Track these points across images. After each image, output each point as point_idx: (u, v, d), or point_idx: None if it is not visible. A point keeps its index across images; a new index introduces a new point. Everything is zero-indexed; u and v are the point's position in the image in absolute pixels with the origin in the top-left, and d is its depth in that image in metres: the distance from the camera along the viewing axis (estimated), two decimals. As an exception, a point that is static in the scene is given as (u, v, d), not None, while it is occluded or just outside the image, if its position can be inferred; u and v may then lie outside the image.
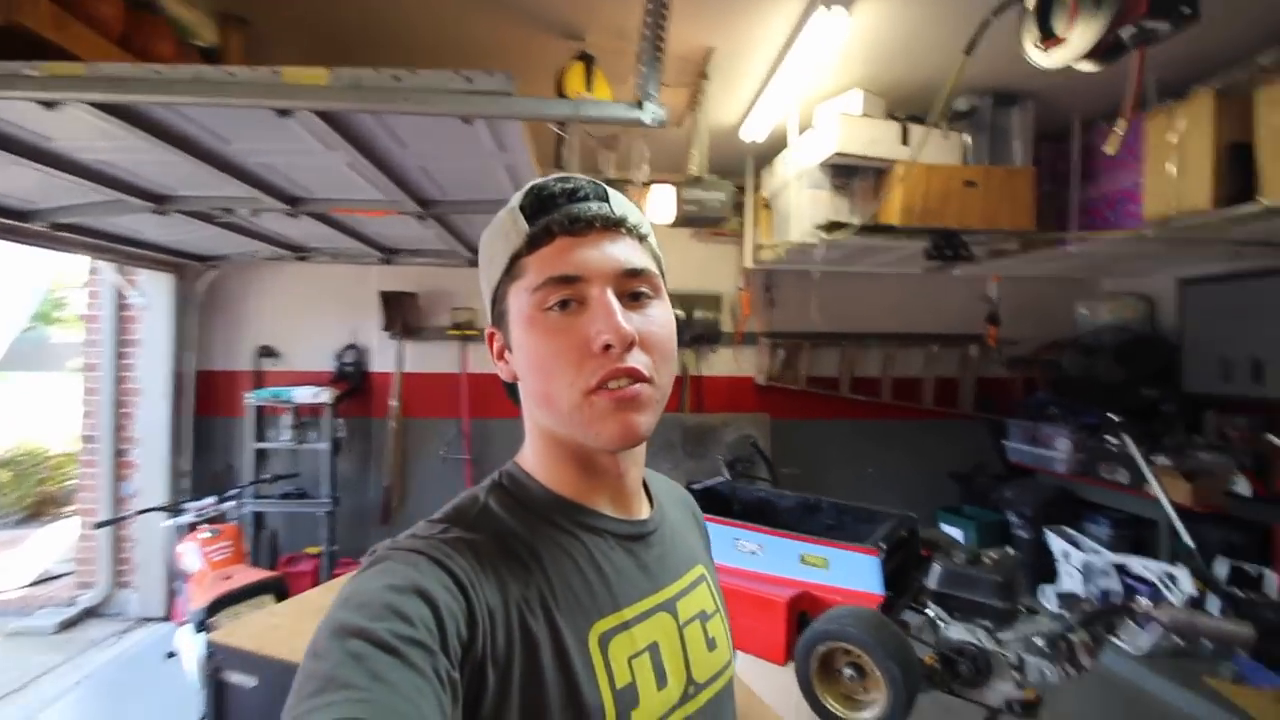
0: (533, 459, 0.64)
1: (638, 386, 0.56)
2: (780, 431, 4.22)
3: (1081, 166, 3.12)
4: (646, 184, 2.89)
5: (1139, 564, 3.34)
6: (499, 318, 0.62)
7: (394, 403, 3.94)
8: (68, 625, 3.58)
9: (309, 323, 4.01)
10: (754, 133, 3.23)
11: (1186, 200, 2.49)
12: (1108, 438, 3.59)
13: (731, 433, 4.13)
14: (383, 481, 3.97)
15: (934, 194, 2.82)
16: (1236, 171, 2.39)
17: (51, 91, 1.48)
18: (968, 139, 2.92)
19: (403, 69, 1.54)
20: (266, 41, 2.43)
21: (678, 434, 4.10)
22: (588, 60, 2.47)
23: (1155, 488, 3.23)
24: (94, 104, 1.55)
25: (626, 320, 0.56)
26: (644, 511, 0.68)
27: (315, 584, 3.49)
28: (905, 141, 2.84)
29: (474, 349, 4.06)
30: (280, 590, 2.66)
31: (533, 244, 0.58)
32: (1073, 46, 1.71)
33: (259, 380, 3.97)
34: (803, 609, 1.89)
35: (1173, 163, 2.54)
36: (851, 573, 1.81)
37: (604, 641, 0.56)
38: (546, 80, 2.50)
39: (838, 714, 1.58)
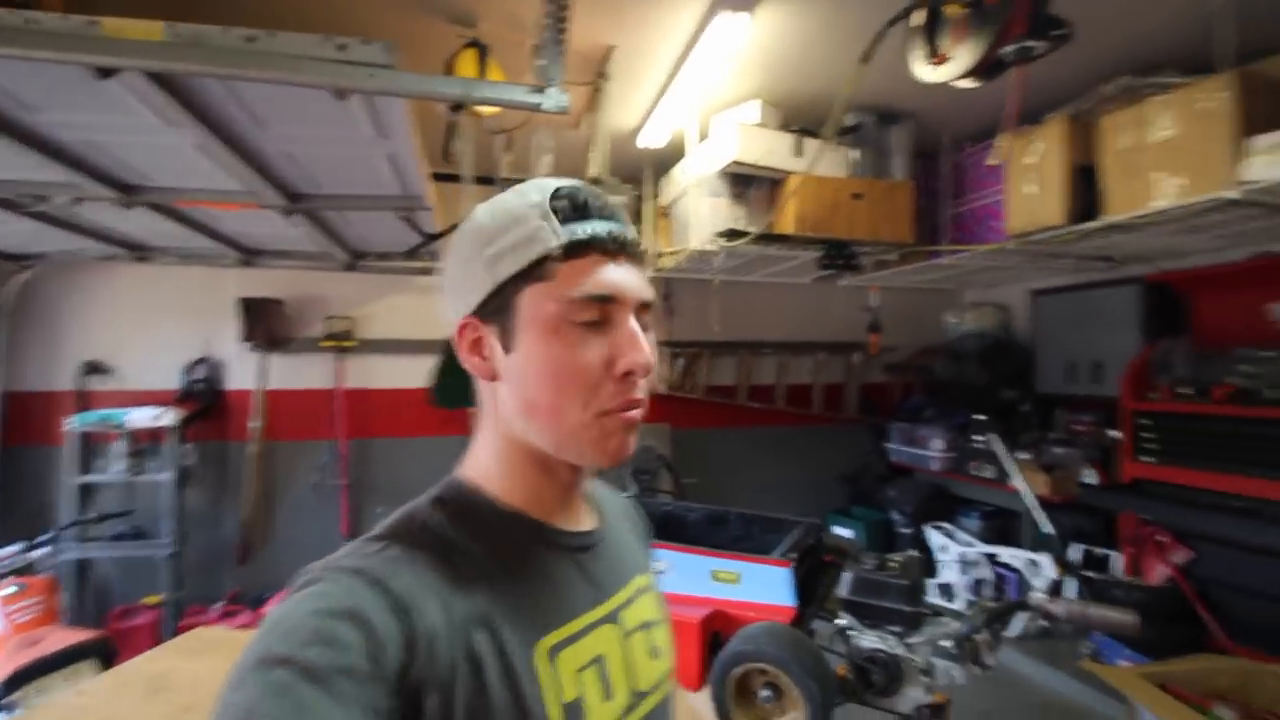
0: (484, 469, 0.62)
1: (636, 412, 0.59)
2: (681, 441, 4.20)
3: (952, 184, 3.35)
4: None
5: (1007, 553, 3.62)
6: (495, 311, 0.58)
7: (255, 424, 3.49)
8: None
9: (150, 334, 3.47)
10: (652, 139, 3.19)
11: (1042, 216, 2.72)
12: (975, 436, 3.88)
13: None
14: (240, 515, 3.50)
15: (825, 205, 2.91)
16: (1084, 191, 2.64)
17: None
18: (855, 153, 3.04)
19: (260, 31, 1.33)
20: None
21: (577, 447, 3.96)
22: (481, 49, 2.31)
23: (1019, 481, 3.52)
24: None
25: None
26: (589, 523, 0.68)
27: (156, 639, 2.98)
28: (799, 153, 2.91)
29: (352, 362, 3.70)
30: (106, 653, 2.24)
31: (571, 251, 0.57)
32: (958, 63, 1.79)
33: (84, 402, 3.38)
34: (716, 628, 1.82)
35: (1031, 182, 2.77)
36: (763, 586, 1.77)
37: (552, 655, 0.55)
38: (433, 68, 2.31)
39: (754, 740, 1.51)
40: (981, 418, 3.88)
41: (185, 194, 2.33)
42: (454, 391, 0.56)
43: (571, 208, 0.58)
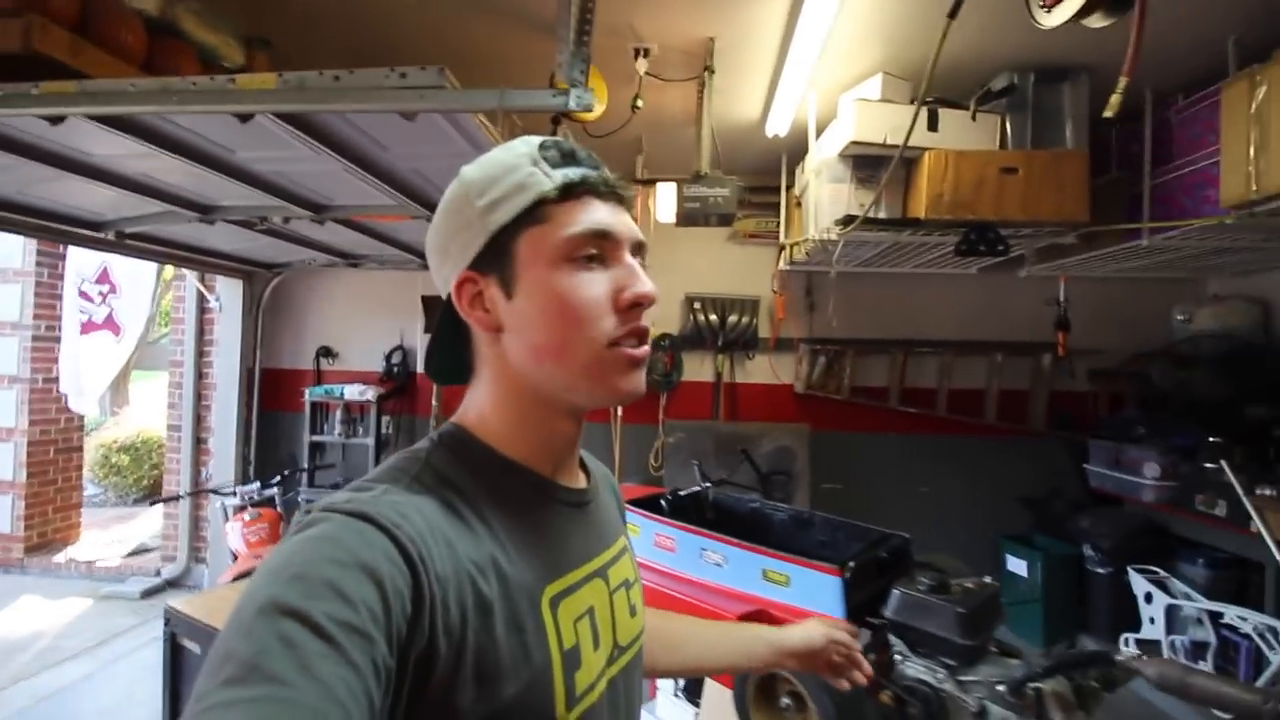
0: (484, 421, 0.62)
1: (644, 348, 0.59)
2: (822, 444, 3.98)
3: (1154, 147, 2.72)
4: (646, 182, 2.84)
5: (1235, 614, 2.84)
6: (493, 261, 0.59)
7: (435, 403, 4.10)
8: (150, 593, 4.01)
9: (362, 325, 4.28)
10: (777, 127, 3.09)
11: (1268, 181, 2.10)
12: (1207, 464, 3.09)
13: (768, 443, 3.95)
14: (422, 478, 4.14)
15: (965, 183, 2.56)
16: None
17: (52, 107, 1.66)
18: (1009, 122, 2.63)
19: (343, 70, 1.60)
20: (291, 60, 2.61)
21: (710, 443, 3.97)
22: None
23: (1258, 523, 2.74)
24: (90, 116, 1.74)
25: None
26: (582, 481, 0.69)
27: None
28: (934, 127, 2.60)
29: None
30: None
31: (566, 193, 0.58)
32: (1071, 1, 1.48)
33: (319, 378, 4.28)
34: (758, 628, 1.73)
35: (1252, 138, 2.15)
36: (812, 592, 1.66)
37: (554, 604, 0.56)
38: (543, 82, 2.52)
39: (770, 744, 1.46)
40: (1215, 439, 3.09)
41: (358, 210, 2.84)
42: (448, 367, 0.62)
43: (560, 155, 0.60)
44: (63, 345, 4.29)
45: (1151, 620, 3.14)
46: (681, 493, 2.40)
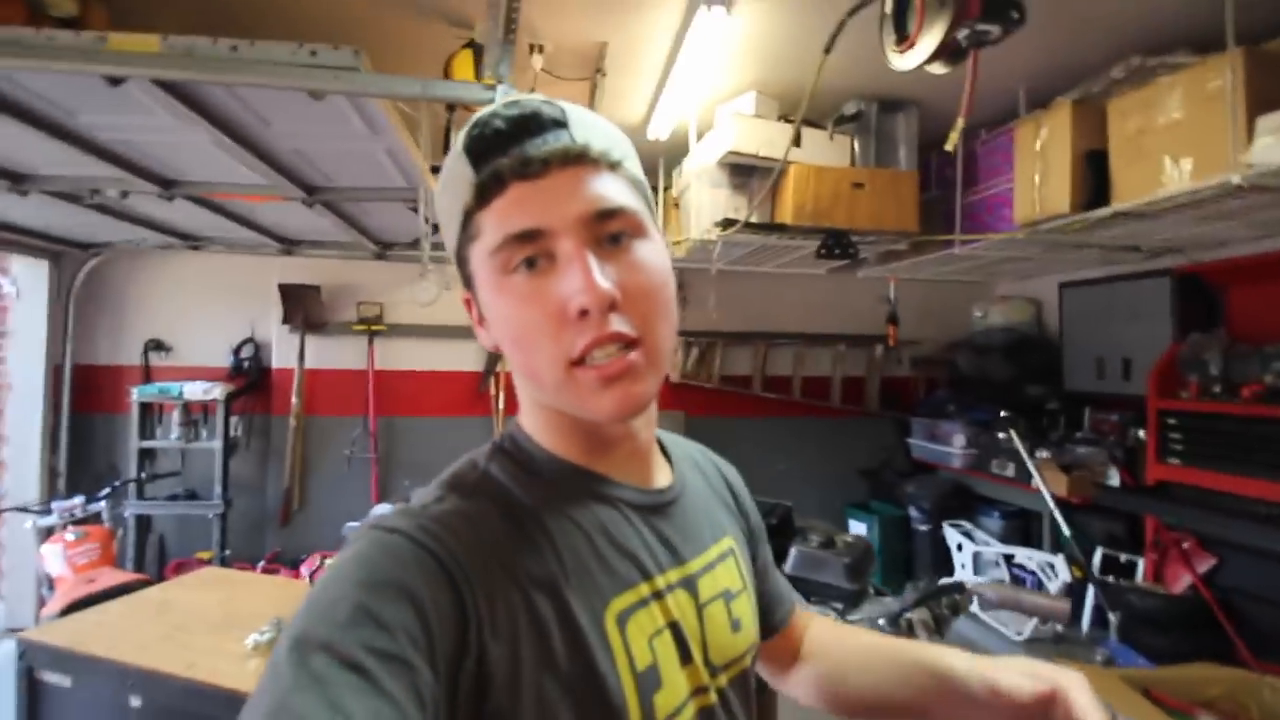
0: (533, 425, 0.57)
1: (629, 356, 0.49)
2: (695, 428, 4.26)
3: (964, 172, 3.27)
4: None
5: (1023, 554, 3.52)
6: (468, 281, 0.54)
7: (295, 400, 3.80)
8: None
9: (204, 316, 3.84)
10: (658, 131, 3.27)
11: (1049, 204, 2.64)
12: (999, 434, 3.77)
13: (645, 431, 4.15)
14: (281, 482, 3.82)
15: (824, 195, 2.91)
16: (1092, 177, 2.55)
17: None
18: (855, 143, 3.03)
19: (243, 40, 1.50)
20: (135, 15, 2.31)
21: (591, 432, 4.09)
22: (477, 49, 2.46)
23: (1037, 480, 3.41)
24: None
25: (604, 275, 0.47)
26: (662, 479, 0.61)
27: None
28: (797, 143, 2.92)
29: (381, 345, 3.96)
30: (144, 592, 2.51)
31: (483, 196, 0.49)
32: (922, 48, 1.79)
33: (147, 375, 3.77)
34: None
35: (1037, 169, 2.69)
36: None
37: (622, 620, 0.51)
38: (435, 69, 2.47)
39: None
40: (1005, 413, 3.77)
41: (218, 187, 2.58)
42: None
43: (482, 141, 0.49)
44: None
45: (963, 566, 3.78)
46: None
